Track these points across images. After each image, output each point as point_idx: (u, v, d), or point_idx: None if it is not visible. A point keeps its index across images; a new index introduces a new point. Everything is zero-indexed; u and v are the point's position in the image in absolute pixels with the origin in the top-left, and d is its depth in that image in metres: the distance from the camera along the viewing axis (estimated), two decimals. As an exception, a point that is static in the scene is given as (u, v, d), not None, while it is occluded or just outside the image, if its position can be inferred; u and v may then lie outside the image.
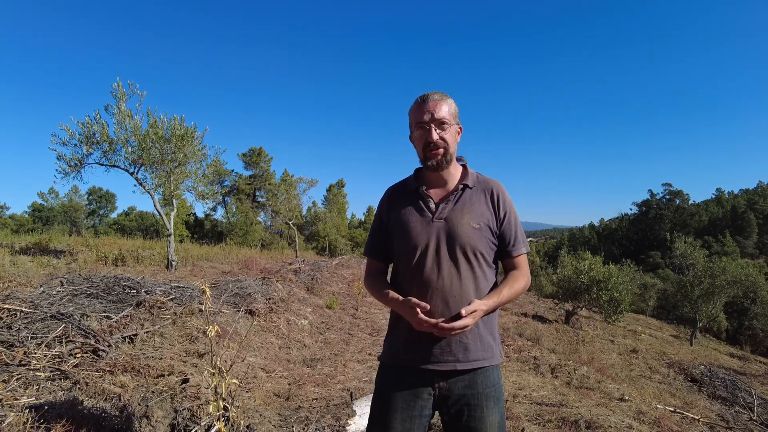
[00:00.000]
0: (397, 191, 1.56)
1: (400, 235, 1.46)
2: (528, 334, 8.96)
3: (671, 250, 22.41)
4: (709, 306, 14.98)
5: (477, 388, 1.38)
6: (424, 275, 1.38)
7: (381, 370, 1.50)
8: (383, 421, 1.40)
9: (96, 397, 2.64)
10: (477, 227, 1.41)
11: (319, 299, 8.64)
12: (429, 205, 1.46)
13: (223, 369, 2.01)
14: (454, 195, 1.46)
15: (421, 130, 1.42)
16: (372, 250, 1.57)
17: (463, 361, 1.37)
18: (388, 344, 1.49)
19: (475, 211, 1.43)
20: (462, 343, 1.37)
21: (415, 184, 1.51)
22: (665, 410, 4.84)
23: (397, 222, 1.48)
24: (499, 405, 1.40)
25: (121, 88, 9.40)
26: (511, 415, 3.58)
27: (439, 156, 1.42)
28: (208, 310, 2.04)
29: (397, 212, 1.49)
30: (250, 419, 2.72)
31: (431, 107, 1.40)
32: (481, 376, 1.39)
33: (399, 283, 1.47)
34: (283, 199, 20.79)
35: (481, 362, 1.39)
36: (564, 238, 79.46)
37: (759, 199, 64.85)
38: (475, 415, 1.36)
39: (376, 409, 1.44)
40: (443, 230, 1.40)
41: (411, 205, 1.48)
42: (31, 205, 35.91)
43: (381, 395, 1.44)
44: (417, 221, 1.44)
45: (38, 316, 3.38)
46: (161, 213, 10.14)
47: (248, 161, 36.83)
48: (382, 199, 1.58)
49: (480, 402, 1.37)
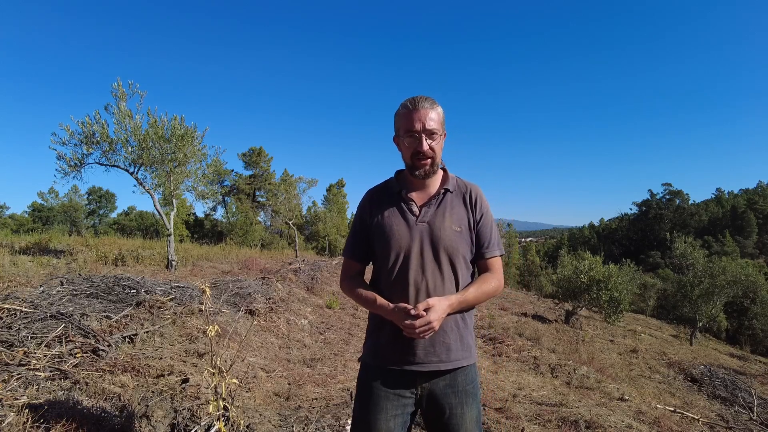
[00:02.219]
0: (379, 193, 1.56)
1: (383, 238, 1.46)
2: (528, 334, 8.96)
3: (671, 250, 22.40)
4: (708, 306, 14.97)
5: (457, 386, 1.43)
6: (409, 278, 1.40)
7: (363, 371, 1.51)
8: (367, 421, 1.42)
9: (96, 397, 2.64)
10: (459, 230, 1.45)
11: (319, 299, 8.64)
12: (412, 209, 1.47)
13: (223, 369, 2.01)
14: (436, 199, 1.49)
15: (411, 138, 1.43)
16: (353, 251, 1.56)
17: (446, 361, 1.41)
18: (370, 345, 1.50)
19: (456, 215, 1.47)
20: (445, 344, 1.41)
21: (397, 187, 1.52)
22: (665, 410, 4.84)
23: (380, 225, 1.48)
24: (476, 401, 1.46)
25: (121, 87, 9.39)
26: (511, 414, 3.58)
27: (427, 166, 1.45)
28: (208, 310, 2.04)
29: (379, 215, 1.49)
30: (250, 419, 2.72)
31: (422, 116, 1.40)
32: (461, 375, 1.44)
33: (381, 285, 1.48)
34: (283, 198, 20.78)
35: (461, 362, 1.44)
36: (564, 237, 79.50)
37: (759, 199, 64.82)
38: (456, 412, 1.42)
39: (360, 409, 1.46)
40: (426, 233, 1.43)
41: (394, 208, 1.49)
42: (30, 204, 35.93)
43: (364, 396, 1.46)
44: (400, 224, 1.45)
45: (38, 316, 3.38)
46: (161, 213, 10.14)
47: (248, 161, 36.83)
48: (363, 200, 1.58)
49: (460, 399, 1.42)
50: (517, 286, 23.79)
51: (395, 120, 1.49)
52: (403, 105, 1.46)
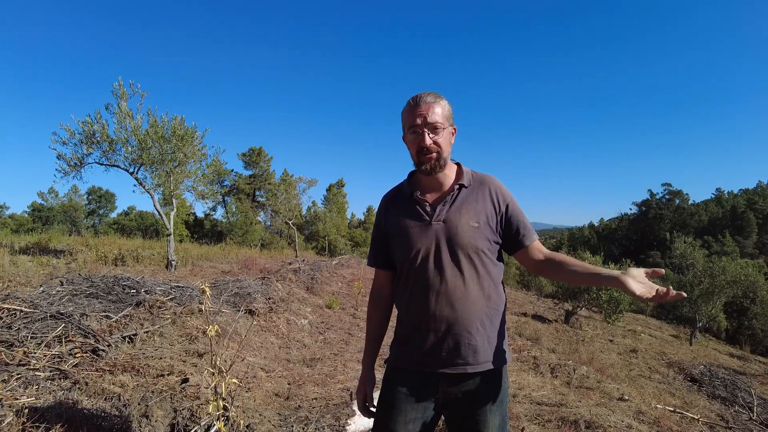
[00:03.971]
0: (393, 198, 1.54)
1: (399, 243, 1.43)
2: (528, 334, 8.96)
3: (671, 250, 22.43)
4: (708, 306, 14.97)
5: (481, 391, 1.37)
6: (427, 280, 1.36)
7: (387, 373, 1.50)
8: (387, 423, 1.40)
9: (96, 397, 2.64)
10: (476, 225, 1.38)
11: (319, 299, 8.64)
12: (425, 209, 1.43)
13: (222, 369, 2.02)
14: (451, 195, 1.43)
15: (414, 134, 1.39)
16: (376, 260, 1.55)
17: (473, 364, 1.35)
18: (396, 348, 1.49)
19: (472, 210, 1.40)
20: (471, 346, 1.35)
21: (409, 189, 1.48)
22: (665, 410, 4.84)
23: (395, 229, 1.45)
24: (501, 407, 1.40)
25: (122, 87, 9.40)
26: (511, 414, 3.58)
27: (432, 161, 1.39)
28: (207, 310, 2.04)
29: (393, 220, 1.47)
30: (249, 419, 2.72)
31: (424, 110, 1.37)
32: (486, 379, 1.38)
33: (402, 290, 1.45)
34: (283, 198, 20.77)
35: (490, 364, 1.37)
36: (564, 237, 79.45)
37: (759, 199, 64.85)
38: (478, 418, 1.36)
39: (381, 411, 1.44)
40: (442, 232, 1.38)
41: (407, 211, 1.45)
42: (30, 204, 35.97)
43: (385, 397, 1.44)
44: (414, 227, 1.41)
45: (38, 316, 3.38)
46: (161, 213, 10.14)
47: (248, 161, 36.87)
48: (380, 207, 1.57)
49: (484, 405, 1.37)
50: (517, 286, 23.78)
51: (401, 119, 1.46)
52: (407, 102, 1.43)
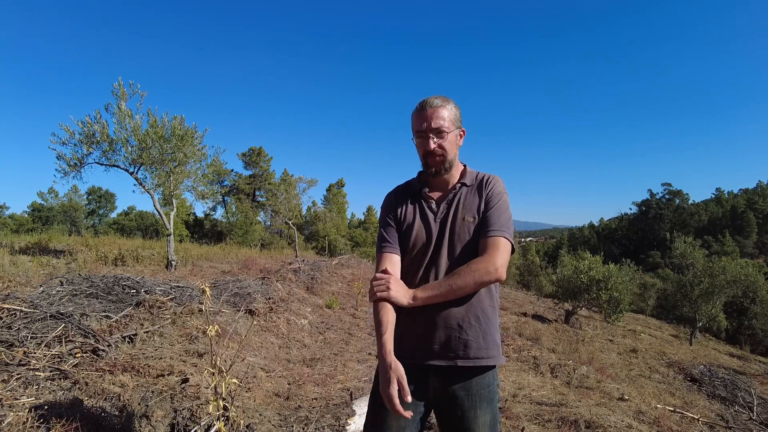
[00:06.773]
0: (403, 192, 1.59)
1: (405, 236, 1.49)
2: (528, 334, 8.96)
3: (671, 250, 22.42)
4: (708, 306, 14.97)
5: (472, 389, 1.40)
6: (428, 274, 1.42)
7: None
8: (378, 417, 1.42)
9: (96, 397, 2.64)
10: (471, 220, 1.44)
11: (319, 299, 8.63)
12: (431, 206, 1.50)
13: (222, 369, 2.02)
14: (453, 193, 1.50)
15: (420, 138, 1.46)
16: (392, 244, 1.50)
17: (463, 358, 1.38)
18: None
19: (469, 206, 1.47)
20: (462, 340, 1.38)
21: (418, 186, 1.56)
22: (665, 410, 4.84)
23: (403, 224, 1.51)
24: (492, 405, 1.43)
25: (122, 87, 9.41)
26: (511, 414, 3.58)
27: (437, 164, 1.46)
28: (207, 310, 2.04)
29: (403, 214, 1.53)
30: (249, 419, 2.72)
31: (429, 115, 1.42)
32: (477, 377, 1.41)
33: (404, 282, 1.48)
34: (283, 198, 20.76)
35: (481, 361, 1.39)
36: (564, 237, 79.52)
37: (758, 199, 64.87)
38: (468, 415, 1.39)
39: (372, 405, 1.47)
40: (442, 228, 1.45)
41: (415, 206, 1.53)
42: (30, 204, 35.93)
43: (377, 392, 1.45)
44: (420, 222, 1.49)
45: (38, 316, 3.38)
46: (161, 213, 10.14)
47: (248, 161, 36.84)
48: (389, 197, 1.60)
49: (474, 403, 1.39)
50: (516, 286, 23.81)
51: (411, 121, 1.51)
52: (416, 106, 1.48)
